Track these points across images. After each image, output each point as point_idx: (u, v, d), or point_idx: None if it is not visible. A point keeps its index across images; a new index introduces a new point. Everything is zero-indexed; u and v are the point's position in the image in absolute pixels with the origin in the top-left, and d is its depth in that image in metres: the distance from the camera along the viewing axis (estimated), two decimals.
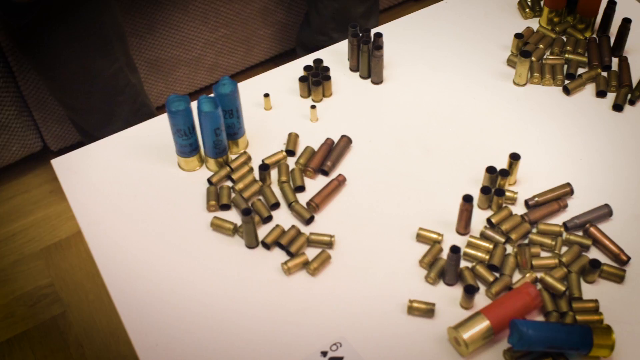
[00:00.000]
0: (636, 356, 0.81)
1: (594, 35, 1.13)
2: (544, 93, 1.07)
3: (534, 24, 1.16)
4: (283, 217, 0.93)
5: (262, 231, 0.91)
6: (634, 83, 1.06)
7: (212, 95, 0.93)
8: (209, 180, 0.96)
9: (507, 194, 0.93)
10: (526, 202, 0.93)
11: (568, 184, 0.94)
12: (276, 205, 0.93)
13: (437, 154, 0.99)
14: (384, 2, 2.07)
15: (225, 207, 0.93)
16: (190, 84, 1.92)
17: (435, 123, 1.03)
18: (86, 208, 0.95)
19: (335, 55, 1.11)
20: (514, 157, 0.93)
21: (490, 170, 0.93)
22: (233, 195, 0.94)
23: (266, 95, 1.03)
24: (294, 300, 0.85)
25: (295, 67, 1.09)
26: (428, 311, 0.83)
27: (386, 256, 0.89)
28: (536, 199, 0.93)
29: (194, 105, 0.94)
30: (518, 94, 1.07)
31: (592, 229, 0.90)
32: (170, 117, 0.92)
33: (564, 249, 0.89)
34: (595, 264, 0.86)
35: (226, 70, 1.97)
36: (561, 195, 0.94)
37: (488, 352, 0.81)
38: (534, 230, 0.91)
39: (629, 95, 1.05)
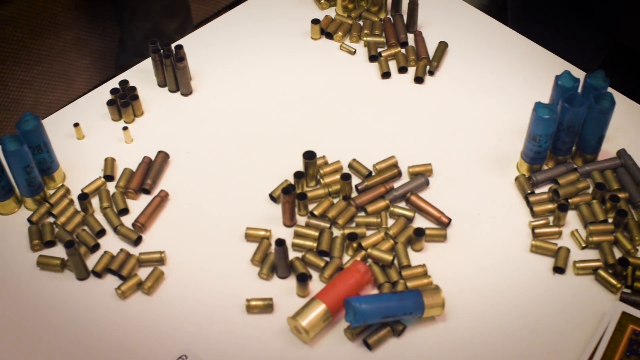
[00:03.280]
0: (464, 308, 0.85)
1: (388, 16, 1.18)
2: (350, 77, 1.10)
3: (331, 12, 1.19)
4: (111, 243, 0.91)
5: (92, 260, 0.89)
6: (431, 55, 1.11)
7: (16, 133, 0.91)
8: (29, 220, 0.93)
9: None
10: (356, 187, 0.96)
11: (393, 156, 0.98)
12: (102, 233, 0.92)
13: (255, 152, 1.01)
14: (198, 15, 2.07)
15: (50, 244, 0.91)
16: (14, 128, 1.86)
17: (250, 123, 1.05)
18: None
19: (141, 74, 1.10)
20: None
21: (308, 155, 0.94)
22: (57, 230, 0.92)
23: (76, 124, 1.02)
24: (133, 322, 0.85)
25: (103, 92, 1.08)
26: (266, 307, 0.84)
27: (219, 261, 0.90)
28: (365, 183, 0.96)
29: None
30: (326, 81, 1.10)
31: (412, 198, 0.94)
32: None
33: (393, 222, 0.93)
34: (419, 232, 0.90)
35: (50, 108, 1.92)
36: (389, 167, 0.97)
37: (330, 334, 0.83)
38: (362, 214, 0.93)
39: (428, 67, 1.10)
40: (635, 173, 0.96)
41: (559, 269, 0.88)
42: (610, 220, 0.92)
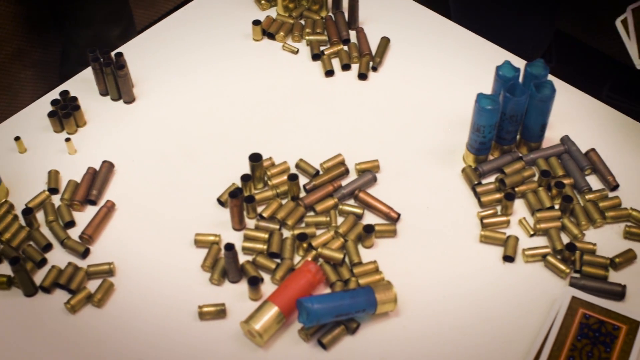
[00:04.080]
0: (416, 302, 0.85)
1: (330, 14, 1.17)
2: (294, 77, 1.10)
3: (272, 13, 1.19)
4: (58, 257, 0.90)
5: (39, 276, 0.88)
6: (373, 51, 1.12)
7: None
8: None
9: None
10: (304, 187, 0.96)
11: (340, 154, 0.98)
12: (49, 247, 0.90)
13: (201, 157, 1.00)
14: (141, 21, 2.05)
15: None
16: None
17: (194, 127, 1.04)
18: None
19: (83, 83, 1.09)
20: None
21: (254, 158, 0.94)
22: (1, 246, 0.90)
23: (17, 138, 1.00)
24: (85, 336, 0.83)
25: (44, 104, 1.06)
26: (219, 312, 0.84)
27: (169, 269, 0.89)
28: (313, 182, 0.95)
29: None
30: (269, 82, 1.10)
31: (361, 195, 0.94)
32: None
33: (342, 220, 0.92)
34: (368, 229, 0.90)
35: None
36: (336, 165, 0.97)
37: (284, 336, 0.83)
38: (311, 213, 0.93)
39: (371, 63, 1.10)
40: (579, 159, 0.97)
41: (508, 258, 0.89)
42: (556, 207, 0.93)
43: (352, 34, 1.14)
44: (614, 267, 0.88)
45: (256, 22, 1.14)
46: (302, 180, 0.96)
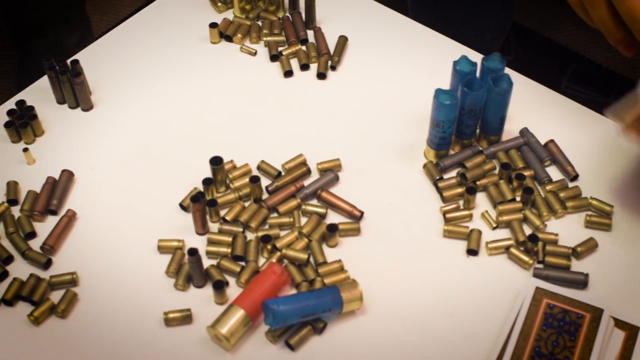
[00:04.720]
0: (382, 299, 0.85)
1: (287, 14, 1.17)
2: (253, 79, 1.10)
3: (229, 15, 1.18)
4: (20, 269, 0.89)
5: (1, 289, 0.87)
6: (332, 50, 1.12)
7: None
8: None
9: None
10: (266, 188, 0.95)
11: (301, 154, 0.98)
12: (10, 259, 0.89)
13: (161, 162, 0.99)
14: (100, 27, 2.04)
15: None
16: None
17: (154, 133, 1.03)
18: None
19: (39, 92, 1.07)
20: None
21: (215, 161, 0.94)
22: None
23: None
24: (50, 348, 0.82)
25: (0, 114, 1.05)
26: (185, 318, 0.83)
27: (133, 276, 0.88)
28: (275, 184, 0.95)
29: None
30: (228, 84, 1.09)
31: (323, 194, 0.94)
32: None
33: (305, 220, 0.92)
34: (332, 228, 0.90)
35: None
36: (298, 165, 0.97)
37: (251, 339, 0.83)
38: (274, 215, 0.93)
39: (330, 62, 1.10)
40: (539, 150, 0.98)
41: (472, 251, 0.89)
42: (518, 199, 0.94)
43: (310, 34, 1.14)
44: (576, 256, 0.88)
45: (213, 25, 1.13)
46: (264, 181, 0.96)
